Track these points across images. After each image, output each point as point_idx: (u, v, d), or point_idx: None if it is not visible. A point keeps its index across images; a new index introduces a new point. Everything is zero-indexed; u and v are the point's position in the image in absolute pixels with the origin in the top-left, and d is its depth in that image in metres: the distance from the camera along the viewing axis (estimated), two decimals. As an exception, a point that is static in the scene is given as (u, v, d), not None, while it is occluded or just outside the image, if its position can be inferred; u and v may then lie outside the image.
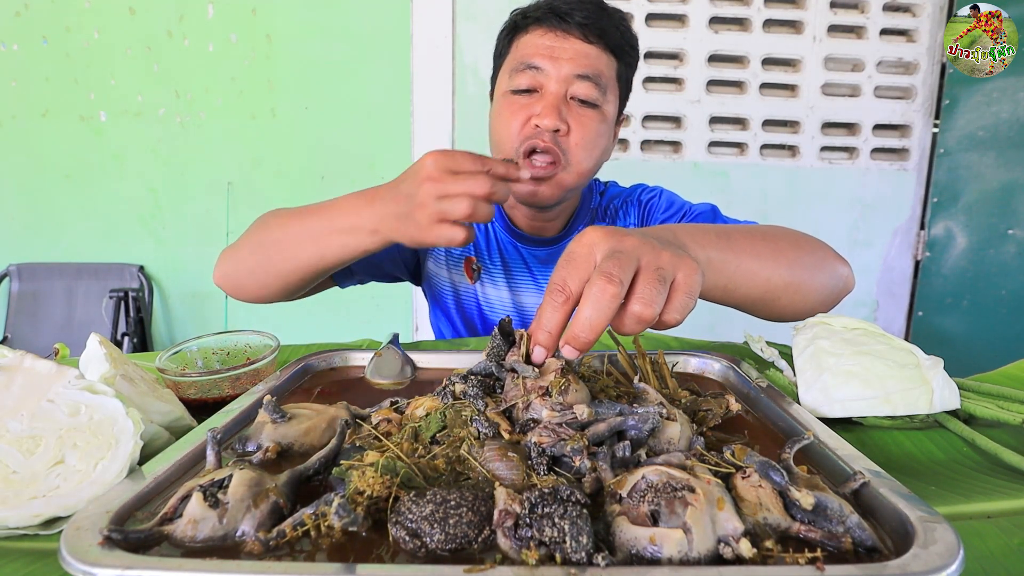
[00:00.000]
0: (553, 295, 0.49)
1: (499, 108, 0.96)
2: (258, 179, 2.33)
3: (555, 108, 0.90)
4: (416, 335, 2.42)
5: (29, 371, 0.50)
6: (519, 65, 0.93)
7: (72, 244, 2.34)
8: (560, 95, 0.91)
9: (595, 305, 0.46)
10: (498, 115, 0.96)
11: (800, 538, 0.38)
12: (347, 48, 2.26)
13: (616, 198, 1.12)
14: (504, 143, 0.93)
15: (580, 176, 0.94)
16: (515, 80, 0.93)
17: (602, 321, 0.46)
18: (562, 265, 0.50)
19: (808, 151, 2.34)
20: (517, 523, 0.36)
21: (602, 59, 0.93)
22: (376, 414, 0.54)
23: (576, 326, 0.47)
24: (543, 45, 0.92)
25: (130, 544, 0.37)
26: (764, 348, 0.79)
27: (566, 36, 0.92)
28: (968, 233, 2.37)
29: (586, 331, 0.46)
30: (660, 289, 0.48)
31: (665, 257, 0.50)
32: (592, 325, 0.46)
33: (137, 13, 2.20)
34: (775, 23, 2.25)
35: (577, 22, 0.91)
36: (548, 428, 0.44)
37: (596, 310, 0.46)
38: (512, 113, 0.92)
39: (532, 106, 0.91)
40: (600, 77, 0.92)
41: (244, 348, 0.77)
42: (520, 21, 0.97)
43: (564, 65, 0.90)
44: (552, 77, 0.91)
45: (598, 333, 0.46)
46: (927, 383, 0.61)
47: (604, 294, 0.46)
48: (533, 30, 0.94)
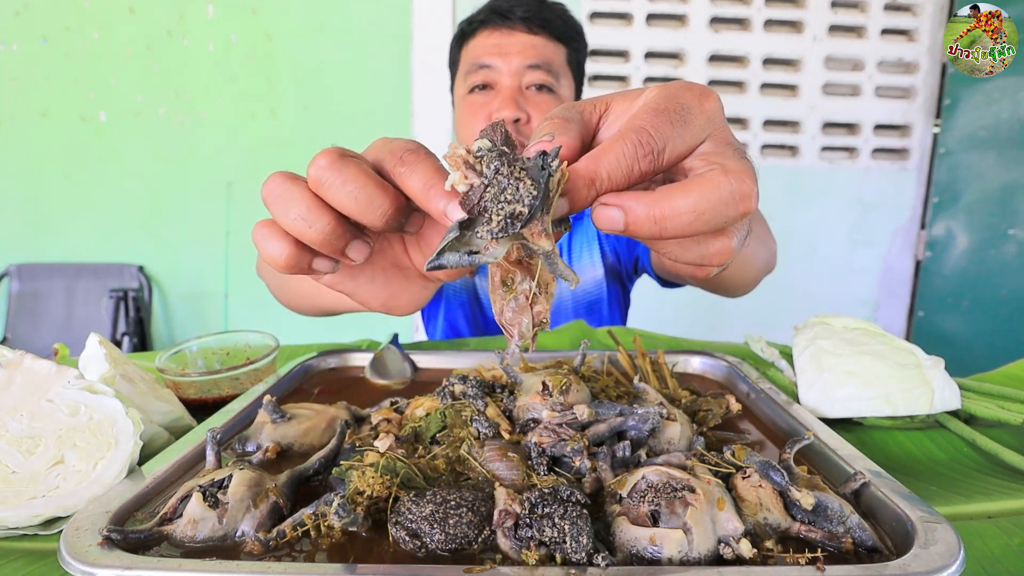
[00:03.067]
0: (639, 141, 0.32)
1: (460, 112, 1.00)
2: (258, 179, 2.28)
3: (512, 100, 0.93)
4: (416, 335, 2.41)
5: (29, 371, 0.50)
6: (471, 67, 0.97)
7: (72, 244, 2.34)
8: (515, 87, 0.94)
9: (715, 205, 0.31)
10: (460, 118, 1.00)
11: (800, 538, 0.38)
12: (347, 48, 2.26)
13: None
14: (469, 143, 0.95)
15: None
16: (470, 80, 0.97)
17: (705, 225, 0.31)
18: (662, 113, 0.33)
19: (808, 151, 2.34)
20: (517, 523, 0.36)
21: (549, 47, 0.97)
22: (376, 414, 0.54)
23: (668, 208, 0.31)
24: (491, 44, 0.96)
25: (130, 544, 0.37)
26: (764, 348, 0.79)
27: (511, 32, 0.96)
28: (969, 233, 2.37)
29: (678, 222, 0.31)
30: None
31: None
32: (691, 223, 0.31)
33: (137, 13, 2.20)
34: (775, 23, 2.25)
35: (520, 17, 0.95)
36: (548, 428, 0.44)
37: (713, 208, 0.31)
38: (472, 113, 0.97)
39: (490, 103, 0.95)
40: (551, 64, 0.96)
41: (244, 348, 0.77)
42: (467, 28, 1.01)
43: (514, 59, 0.94)
44: (504, 72, 0.95)
45: (678, 233, 0.31)
46: (927, 383, 0.61)
47: (735, 202, 0.31)
48: (479, 33, 0.99)
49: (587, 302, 1.12)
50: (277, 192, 0.36)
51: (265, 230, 0.37)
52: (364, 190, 0.34)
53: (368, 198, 0.34)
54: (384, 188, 0.35)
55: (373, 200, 0.34)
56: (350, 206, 0.34)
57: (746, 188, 0.32)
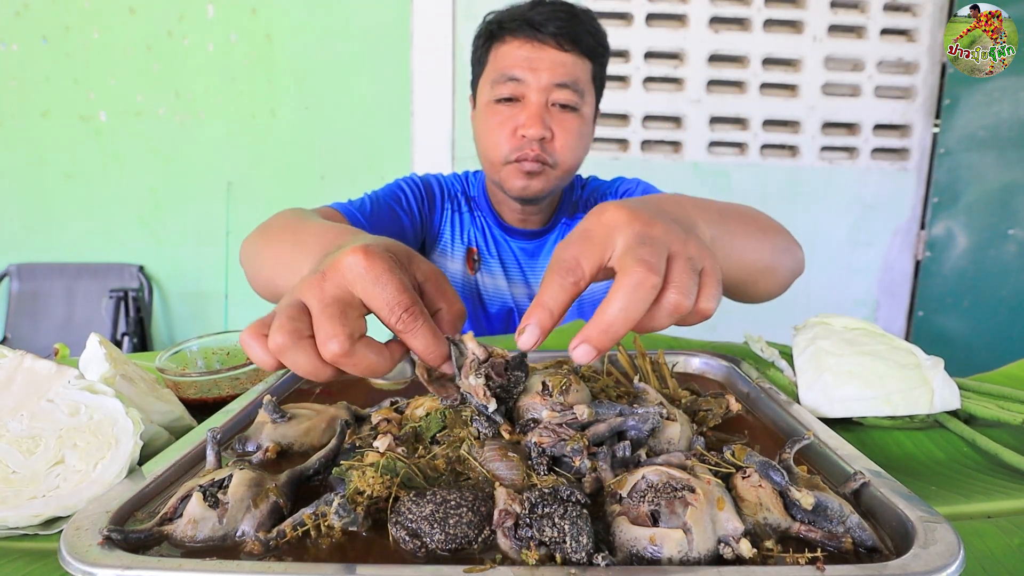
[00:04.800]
0: (562, 274, 0.42)
1: (484, 118, 1.01)
2: (258, 179, 2.33)
3: (539, 118, 0.95)
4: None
5: (29, 371, 0.50)
6: (500, 77, 0.98)
7: (72, 244, 2.34)
8: (542, 104, 0.96)
9: (632, 296, 0.39)
10: (484, 125, 1.01)
11: (800, 538, 0.38)
12: (347, 48, 2.26)
13: (596, 191, 1.18)
14: (491, 153, 1.00)
15: (567, 172, 1.02)
16: (497, 90, 0.98)
17: (637, 314, 0.40)
18: (574, 242, 0.43)
19: (808, 151, 2.34)
20: (517, 523, 0.36)
21: (578, 65, 0.98)
22: (376, 414, 0.54)
23: (606, 319, 0.39)
24: (521, 56, 0.96)
25: (130, 544, 0.37)
26: (764, 348, 0.79)
27: (542, 47, 0.96)
28: (968, 233, 2.37)
29: (619, 324, 0.39)
30: (694, 278, 0.42)
31: (693, 246, 0.44)
32: (627, 318, 0.39)
33: (137, 13, 2.20)
34: (775, 23, 2.25)
35: (551, 32, 0.95)
36: (548, 428, 0.44)
37: (633, 301, 0.39)
38: (499, 124, 0.98)
39: (516, 116, 0.97)
40: (577, 83, 0.98)
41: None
42: (496, 31, 1.01)
43: (543, 75, 0.95)
44: (532, 87, 0.96)
45: (628, 328, 0.40)
46: (927, 383, 0.61)
47: (645, 284, 0.39)
48: (510, 41, 0.98)
49: (592, 301, 1.13)
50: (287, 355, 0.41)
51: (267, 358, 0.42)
52: (370, 366, 0.42)
53: (372, 370, 0.42)
54: (382, 354, 0.42)
55: (376, 371, 0.42)
56: (358, 374, 0.42)
57: (651, 271, 0.39)
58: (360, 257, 0.41)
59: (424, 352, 0.44)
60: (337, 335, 0.40)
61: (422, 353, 0.44)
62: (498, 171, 1.01)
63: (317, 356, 0.41)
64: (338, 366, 0.41)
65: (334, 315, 0.40)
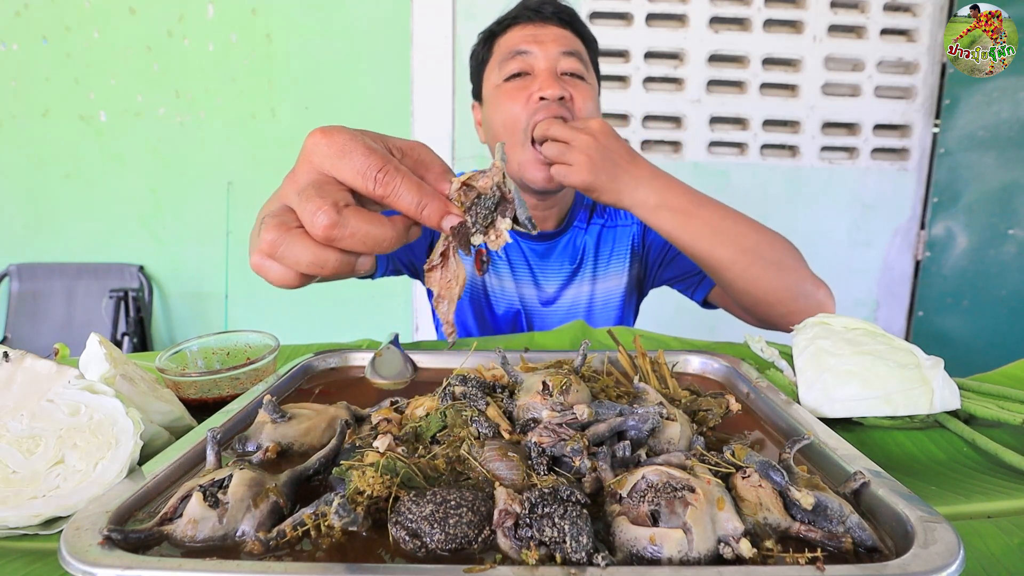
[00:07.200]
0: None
1: (495, 100, 1.01)
2: (258, 179, 2.33)
3: (553, 79, 0.95)
4: (416, 335, 2.41)
5: (29, 371, 0.50)
6: (507, 55, 0.99)
7: (72, 244, 2.35)
8: (553, 69, 0.97)
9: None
10: (496, 107, 1.00)
11: (800, 538, 0.38)
12: (347, 48, 2.26)
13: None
14: (509, 128, 0.97)
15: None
16: (506, 68, 0.99)
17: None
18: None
19: (808, 151, 2.34)
20: (517, 523, 0.36)
21: (577, 41, 1.02)
22: (376, 414, 0.54)
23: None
24: (526, 34, 0.99)
25: (130, 544, 0.37)
26: (764, 348, 0.79)
27: (544, 24, 1.00)
28: (968, 233, 2.37)
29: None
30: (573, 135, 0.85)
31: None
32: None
33: (137, 13, 2.20)
34: (775, 23, 2.25)
35: (551, 12, 1.00)
36: (548, 428, 0.44)
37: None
38: (511, 98, 0.97)
39: (529, 86, 0.96)
40: (581, 54, 1.00)
41: (244, 348, 0.77)
42: (496, 27, 1.04)
43: (550, 46, 0.97)
44: (541, 57, 0.97)
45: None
46: (927, 383, 0.61)
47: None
48: (511, 29, 1.02)
49: (603, 300, 1.13)
50: (281, 249, 0.40)
51: (280, 268, 0.42)
52: (370, 235, 0.39)
53: (375, 241, 0.40)
54: (382, 223, 0.40)
55: (380, 242, 0.40)
56: (361, 249, 0.40)
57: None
58: (318, 136, 0.41)
59: (415, 209, 0.40)
60: (320, 207, 0.38)
61: (413, 210, 0.40)
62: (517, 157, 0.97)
63: (312, 240, 0.40)
64: (335, 244, 0.39)
65: (312, 194, 0.39)
